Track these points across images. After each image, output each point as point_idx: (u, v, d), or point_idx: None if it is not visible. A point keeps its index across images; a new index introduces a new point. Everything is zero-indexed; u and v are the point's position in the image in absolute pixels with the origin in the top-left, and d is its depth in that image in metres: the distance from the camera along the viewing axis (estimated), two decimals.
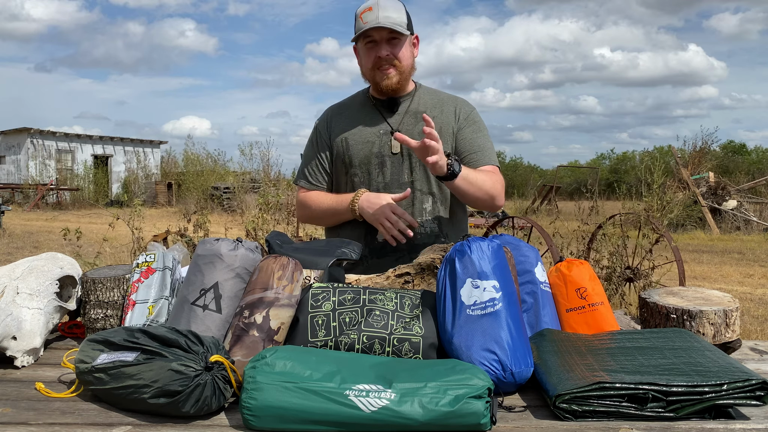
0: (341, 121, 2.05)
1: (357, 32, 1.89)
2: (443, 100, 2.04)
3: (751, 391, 1.14)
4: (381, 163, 1.96)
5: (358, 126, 2.01)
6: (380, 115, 2.00)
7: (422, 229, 1.95)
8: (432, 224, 1.96)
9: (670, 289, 1.73)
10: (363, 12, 1.86)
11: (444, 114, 2.00)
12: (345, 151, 2.00)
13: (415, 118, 1.97)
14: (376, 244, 1.95)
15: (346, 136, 2.01)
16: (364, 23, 1.85)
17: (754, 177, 18.00)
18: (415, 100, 2.01)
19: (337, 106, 2.12)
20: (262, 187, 11.49)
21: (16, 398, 1.26)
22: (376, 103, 2.02)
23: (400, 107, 1.99)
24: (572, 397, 1.15)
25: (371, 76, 1.94)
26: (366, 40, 1.90)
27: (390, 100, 1.99)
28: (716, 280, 7.35)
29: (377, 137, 1.97)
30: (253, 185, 19.02)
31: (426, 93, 2.05)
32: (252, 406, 1.10)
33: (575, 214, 10.73)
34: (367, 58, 1.92)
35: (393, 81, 1.91)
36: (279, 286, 1.33)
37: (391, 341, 1.32)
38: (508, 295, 1.31)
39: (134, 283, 1.61)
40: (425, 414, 1.07)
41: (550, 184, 20.38)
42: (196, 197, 20.26)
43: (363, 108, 2.04)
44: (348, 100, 2.12)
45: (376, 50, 1.89)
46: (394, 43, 1.89)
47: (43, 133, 26.74)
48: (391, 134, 1.96)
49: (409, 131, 1.95)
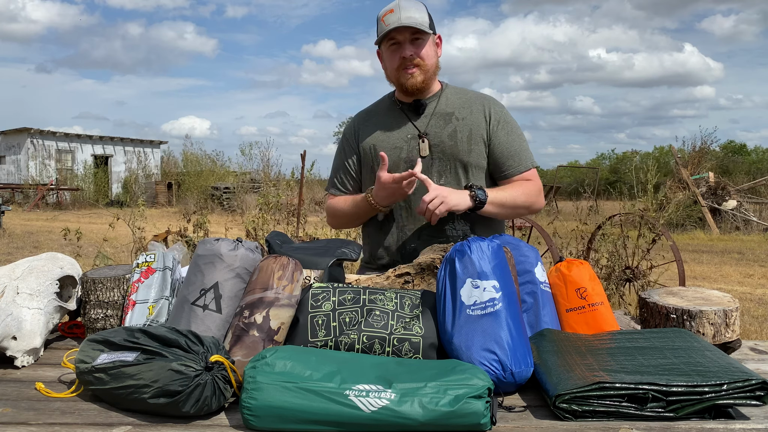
0: (368, 127, 2.04)
1: (380, 34, 1.89)
2: (471, 99, 2.01)
3: (751, 391, 1.14)
4: (410, 168, 1.93)
5: (386, 132, 2.00)
6: (407, 118, 1.99)
7: (454, 232, 1.93)
8: (464, 226, 1.93)
9: (669, 289, 1.73)
10: (385, 15, 1.87)
11: (473, 114, 1.97)
12: (373, 158, 1.99)
13: (443, 119, 1.96)
14: (408, 249, 1.95)
15: (373, 143, 2.00)
16: (387, 25, 1.85)
17: (754, 177, 18.00)
18: (442, 100, 2.00)
19: (364, 113, 2.11)
20: (262, 187, 11.50)
21: (16, 398, 1.26)
22: (402, 106, 2.00)
23: (427, 109, 1.98)
24: (572, 397, 1.15)
25: (396, 77, 1.93)
26: (389, 42, 1.90)
27: (416, 103, 1.97)
28: (716, 280, 7.35)
29: (405, 142, 1.96)
30: (253, 185, 19.03)
31: (453, 93, 2.03)
32: (252, 406, 1.10)
33: (575, 214, 10.73)
34: (391, 60, 1.92)
35: (418, 80, 1.90)
36: (279, 286, 1.33)
37: (391, 341, 1.32)
38: (508, 295, 1.31)
39: (134, 283, 1.61)
40: (425, 414, 1.07)
41: (549, 184, 20.38)
42: (196, 197, 20.27)
43: (389, 113, 2.03)
44: (374, 106, 2.11)
45: (400, 51, 1.89)
46: (417, 43, 1.88)
47: (43, 133, 26.74)
48: (419, 138, 1.95)
49: (437, 134, 1.94)
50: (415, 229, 1.94)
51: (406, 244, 1.95)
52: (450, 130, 1.94)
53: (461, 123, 1.95)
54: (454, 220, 1.91)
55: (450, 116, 1.96)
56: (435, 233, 1.91)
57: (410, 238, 1.94)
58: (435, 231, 1.90)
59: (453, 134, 1.94)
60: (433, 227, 1.89)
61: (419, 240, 1.92)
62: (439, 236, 1.90)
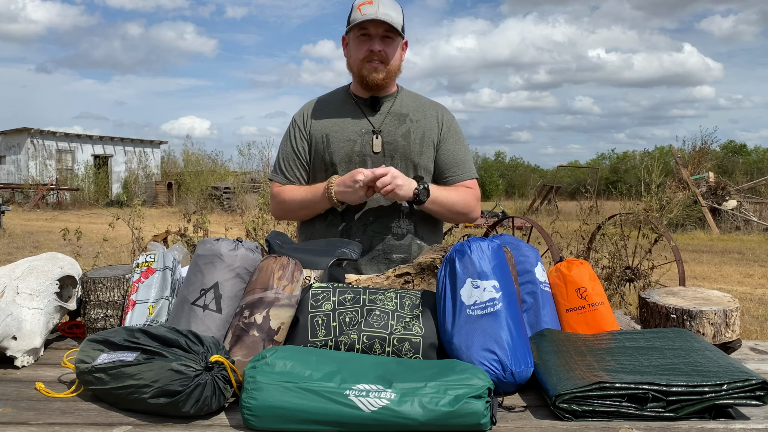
0: (321, 117, 2.03)
1: (352, 22, 1.88)
2: (425, 104, 2.05)
3: (751, 391, 1.14)
4: (362, 162, 1.94)
5: (340, 123, 1.99)
6: (362, 113, 1.99)
7: (399, 230, 1.95)
8: (409, 224, 1.96)
9: (670, 289, 1.73)
10: (362, 4, 1.86)
11: (427, 119, 2.01)
12: (325, 148, 1.98)
13: (398, 119, 1.97)
14: None
15: (327, 133, 1.99)
16: (362, 15, 1.84)
17: (754, 177, 17.99)
18: (398, 101, 2.01)
19: (317, 101, 2.09)
20: (262, 187, 11.50)
21: (16, 398, 1.26)
22: (357, 101, 2.01)
23: (383, 107, 1.99)
24: (572, 397, 1.15)
25: (359, 68, 1.93)
26: (360, 32, 1.89)
27: (372, 99, 1.98)
28: (716, 280, 7.35)
29: (359, 136, 1.96)
30: (253, 185, 19.02)
31: (408, 96, 2.05)
32: (252, 406, 1.10)
33: (575, 214, 10.73)
34: (358, 50, 1.91)
35: (379, 77, 1.91)
36: (279, 286, 1.33)
37: (391, 341, 1.32)
38: (508, 295, 1.31)
39: (134, 283, 1.61)
40: (425, 414, 1.07)
41: (550, 184, 20.38)
42: (196, 197, 20.26)
43: (344, 105, 2.02)
44: (328, 96, 2.09)
45: (369, 44, 1.88)
46: (387, 41, 1.89)
47: (44, 133, 26.74)
48: (373, 134, 1.96)
49: (391, 132, 1.96)
50: (361, 224, 1.94)
51: (352, 238, 1.94)
52: (404, 131, 1.96)
53: (415, 125, 1.98)
54: (400, 218, 1.95)
55: (404, 117, 1.98)
56: (381, 229, 1.93)
57: (355, 232, 1.93)
58: (381, 227, 1.93)
59: (407, 134, 1.96)
60: (379, 223, 1.92)
61: (364, 234, 1.93)
62: (385, 232, 1.92)
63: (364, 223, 1.94)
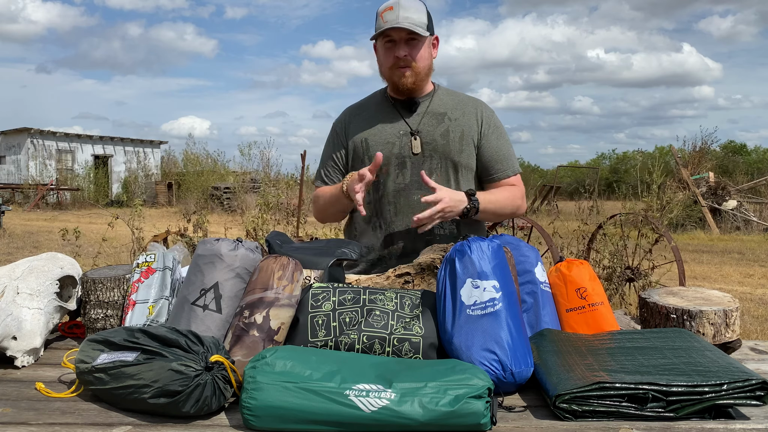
0: (360, 121, 2.05)
1: (377, 31, 1.89)
2: (463, 101, 2.04)
3: (751, 391, 1.14)
4: (401, 164, 1.95)
5: (378, 126, 2.00)
6: (399, 115, 2.00)
7: (441, 231, 1.95)
8: (450, 225, 1.96)
9: (670, 289, 1.73)
10: (384, 11, 1.87)
11: (465, 116, 2.00)
12: (365, 152, 1.99)
13: (436, 118, 1.97)
14: (396, 246, 1.97)
15: (365, 137, 2.00)
16: (384, 22, 1.85)
17: (754, 177, 17.99)
18: (435, 100, 2.01)
19: (356, 107, 2.11)
20: (262, 187, 11.50)
21: (16, 398, 1.26)
22: (394, 103, 2.01)
23: (419, 107, 1.99)
24: (572, 397, 1.15)
25: (389, 75, 1.94)
26: (385, 39, 1.90)
27: (409, 101, 1.99)
28: (716, 280, 7.35)
29: (397, 138, 1.97)
30: (253, 185, 19.02)
31: (445, 94, 2.05)
32: (252, 406, 1.10)
33: (575, 214, 10.73)
34: (385, 58, 1.93)
35: (408, 81, 1.91)
36: (279, 286, 1.33)
37: (391, 341, 1.32)
38: (508, 295, 1.31)
39: (134, 283, 1.61)
40: (425, 414, 1.07)
41: (550, 184, 20.37)
42: (196, 197, 20.26)
43: (381, 108, 2.03)
44: (365, 101, 2.11)
45: (394, 50, 1.89)
46: (412, 44, 1.89)
47: (44, 133, 26.74)
48: (411, 135, 1.96)
49: (429, 132, 1.96)
50: (403, 226, 1.96)
51: (394, 242, 1.96)
52: (442, 130, 1.96)
53: (453, 123, 1.97)
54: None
55: (443, 116, 1.98)
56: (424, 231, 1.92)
57: (398, 236, 1.95)
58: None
59: (445, 133, 1.96)
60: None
61: (407, 238, 1.94)
62: (427, 234, 1.92)
63: (407, 225, 1.94)
